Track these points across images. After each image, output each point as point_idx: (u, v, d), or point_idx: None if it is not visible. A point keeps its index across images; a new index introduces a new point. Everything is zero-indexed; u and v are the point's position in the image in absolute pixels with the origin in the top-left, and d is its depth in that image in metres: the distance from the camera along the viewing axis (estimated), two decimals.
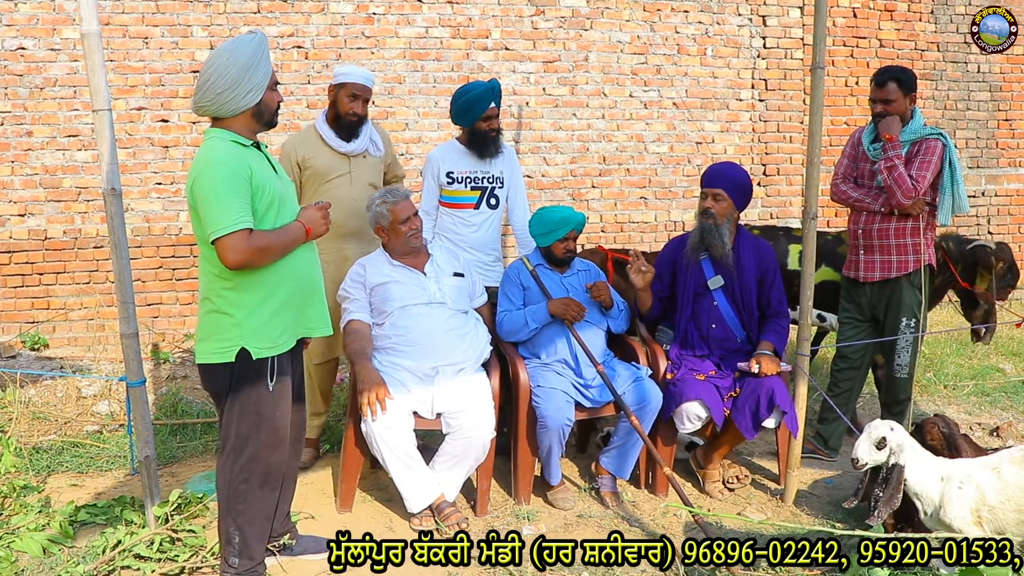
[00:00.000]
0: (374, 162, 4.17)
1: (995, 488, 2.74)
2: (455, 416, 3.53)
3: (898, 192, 3.89)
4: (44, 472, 4.10)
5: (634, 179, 6.93)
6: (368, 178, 4.12)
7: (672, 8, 6.88)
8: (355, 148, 4.07)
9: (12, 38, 5.88)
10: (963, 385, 5.51)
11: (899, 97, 3.97)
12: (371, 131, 4.15)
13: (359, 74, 4.04)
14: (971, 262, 4.45)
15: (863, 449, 2.91)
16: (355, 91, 4.00)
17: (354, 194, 4.04)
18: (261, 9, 6.18)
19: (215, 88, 2.70)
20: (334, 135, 4.05)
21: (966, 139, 7.62)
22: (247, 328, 2.75)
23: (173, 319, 6.24)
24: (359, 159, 4.11)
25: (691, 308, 3.98)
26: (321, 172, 4.05)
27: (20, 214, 5.98)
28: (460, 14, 6.52)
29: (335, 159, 4.07)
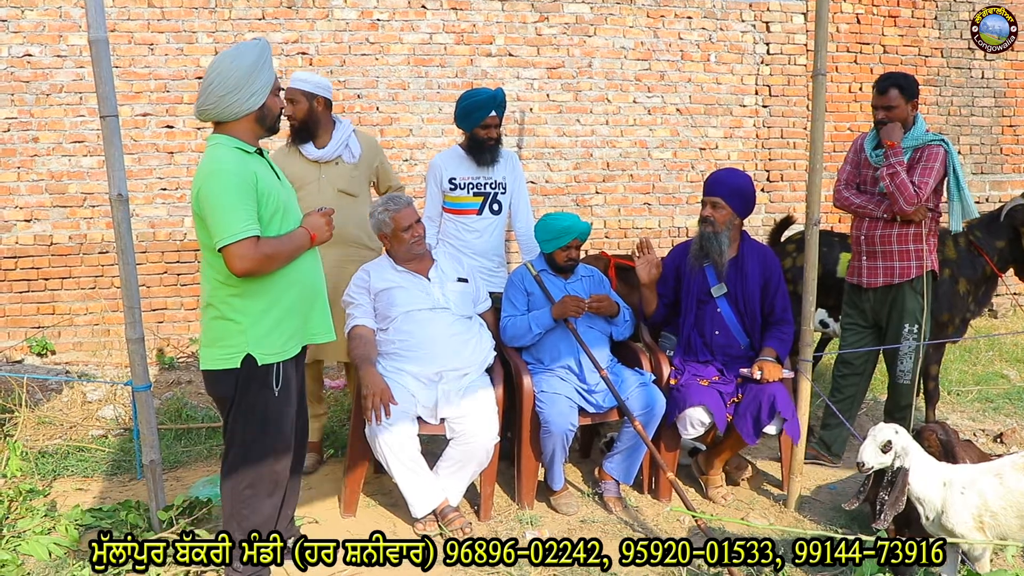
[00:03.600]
0: (346, 168, 4.12)
1: (997, 494, 2.74)
2: (459, 421, 3.54)
3: (900, 198, 3.89)
4: (50, 476, 4.12)
5: (638, 185, 6.94)
6: (338, 184, 4.07)
7: (676, 14, 6.89)
8: (324, 155, 4.06)
9: (19, 45, 5.91)
10: (967, 391, 5.51)
11: (901, 104, 3.98)
12: (349, 137, 4.13)
13: (293, 77, 4.05)
14: (1010, 226, 4.45)
15: (868, 452, 2.90)
16: (286, 96, 3.99)
17: (321, 201, 3.98)
18: (266, 16, 6.21)
19: (218, 91, 2.72)
20: (301, 143, 4.07)
21: (970, 145, 7.62)
22: (253, 334, 2.76)
23: (178, 324, 6.26)
24: (330, 166, 4.09)
25: (694, 314, 3.98)
26: (292, 180, 4.05)
27: (26, 219, 6.01)
28: (464, 20, 6.54)
29: (304, 166, 4.06)
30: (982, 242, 4.48)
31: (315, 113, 4.03)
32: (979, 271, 4.49)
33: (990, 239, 4.49)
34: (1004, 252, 4.49)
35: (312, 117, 4.03)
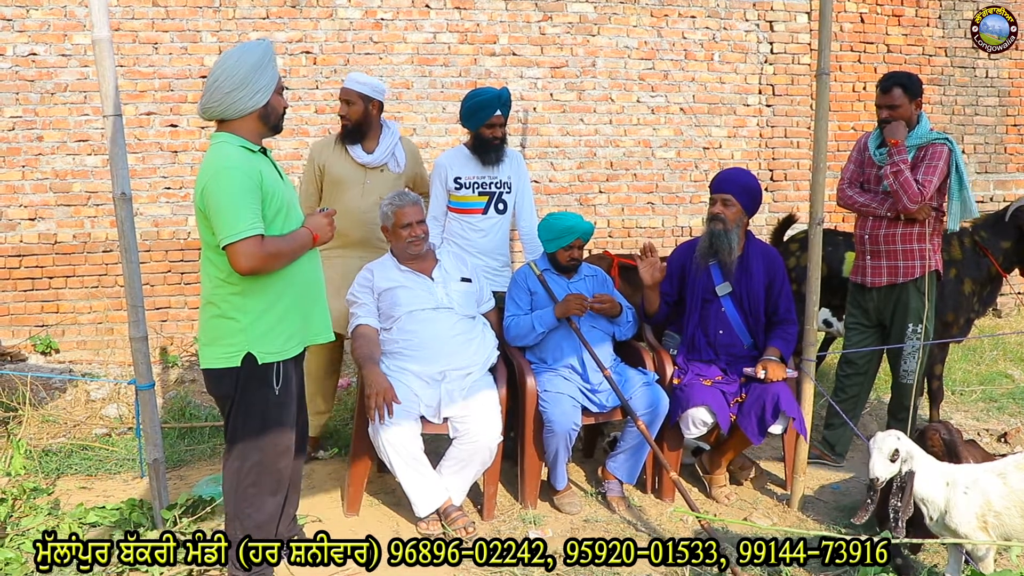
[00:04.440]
0: (391, 177, 4.17)
1: (1001, 494, 2.73)
2: (462, 421, 3.55)
3: (904, 197, 3.89)
4: (53, 475, 4.13)
5: (641, 184, 6.93)
6: (382, 191, 4.08)
7: (679, 13, 6.88)
8: (372, 160, 4.10)
9: (24, 44, 5.92)
10: (971, 391, 5.50)
11: (905, 103, 3.97)
12: (396, 146, 4.17)
13: (350, 78, 4.08)
14: (1015, 226, 4.44)
15: (879, 466, 2.82)
16: (342, 96, 4.07)
17: (364, 206, 4.06)
18: (270, 15, 6.22)
19: (223, 88, 2.73)
20: (351, 144, 4.09)
21: (974, 144, 7.60)
22: (253, 333, 2.76)
23: (182, 323, 6.26)
24: (376, 172, 4.13)
25: (699, 313, 3.98)
26: (337, 180, 4.09)
27: (30, 218, 6.02)
28: (468, 20, 6.54)
29: (352, 169, 4.10)
30: (987, 242, 4.48)
31: (369, 116, 4.08)
32: (984, 271, 4.49)
33: (995, 239, 4.48)
34: (1009, 252, 4.48)
35: (366, 120, 4.08)
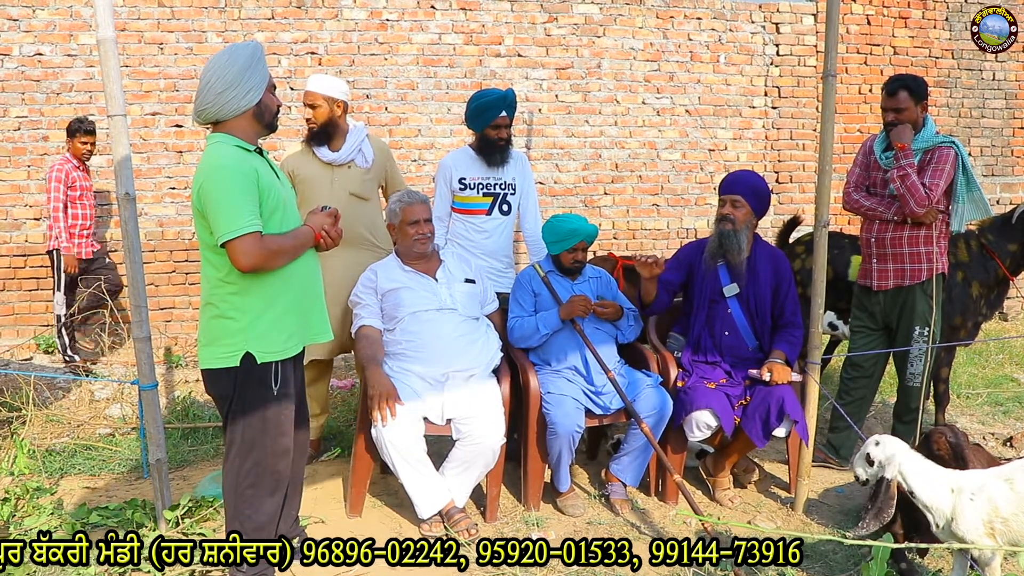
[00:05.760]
0: (359, 172, 4.14)
1: (1008, 499, 2.71)
2: (465, 422, 3.54)
3: (911, 201, 3.87)
4: (57, 474, 4.13)
5: (646, 186, 6.93)
6: (350, 188, 4.09)
7: (685, 15, 6.88)
8: (338, 158, 4.08)
9: (30, 44, 5.94)
10: (976, 395, 5.48)
11: (910, 106, 3.96)
12: (363, 143, 4.15)
13: (312, 81, 4.06)
14: (1022, 229, 4.42)
15: (859, 467, 2.95)
16: (305, 100, 4.05)
17: (333, 203, 4.00)
18: (275, 15, 6.22)
19: (216, 88, 2.73)
20: (317, 146, 4.08)
21: (981, 147, 7.58)
22: (252, 333, 2.76)
23: (185, 323, 6.27)
24: (343, 168, 4.11)
25: (706, 313, 3.97)
26: (304, 180, 4.07)
27: (35, 218, 6.04)
28: (473, 21, 6.54)
29: (319, 168, 4.08)
30: (994, 245, 4.46)
31: (334, 118, 4.06)
32: (991, 274, 4.47)
33: (1002, 242, 4.46)
34: (1016, 255, 4.46)
35: (331, 121, 4.06)
